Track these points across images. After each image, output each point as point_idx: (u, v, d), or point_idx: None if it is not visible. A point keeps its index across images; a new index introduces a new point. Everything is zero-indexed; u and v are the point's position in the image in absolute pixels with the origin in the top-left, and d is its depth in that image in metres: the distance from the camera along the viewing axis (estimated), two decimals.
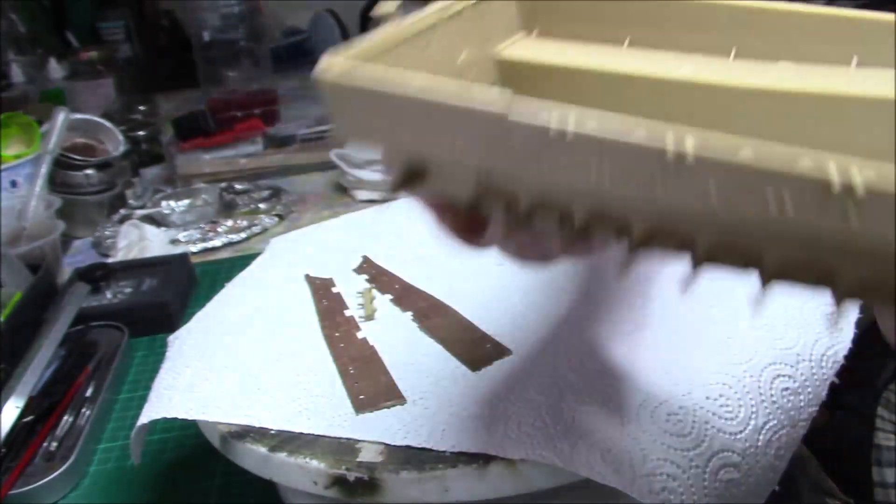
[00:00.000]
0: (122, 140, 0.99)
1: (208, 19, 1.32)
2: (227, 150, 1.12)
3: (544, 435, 0.29)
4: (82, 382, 0.57)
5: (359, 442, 0.31)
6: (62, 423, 0.52)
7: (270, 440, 0.32)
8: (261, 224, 0.89)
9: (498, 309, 0.39)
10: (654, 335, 0.35)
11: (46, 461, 0.49)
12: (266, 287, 0.46)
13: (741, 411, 0.31)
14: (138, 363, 0.63)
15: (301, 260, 0.49)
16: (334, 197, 0.96)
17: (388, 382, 0.34)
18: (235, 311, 0.44)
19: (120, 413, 0.56)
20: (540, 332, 0.36)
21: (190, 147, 1.12)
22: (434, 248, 0.47)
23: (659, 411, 0.30)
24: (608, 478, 0.27)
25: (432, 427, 0.31)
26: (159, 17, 1.67)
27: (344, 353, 0.37)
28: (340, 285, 0.44)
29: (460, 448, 0.30)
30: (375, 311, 0.40)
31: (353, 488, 0.30)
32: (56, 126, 0.87)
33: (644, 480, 0.27)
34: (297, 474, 0.31)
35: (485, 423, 0.31)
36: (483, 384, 0.33)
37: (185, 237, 0.87)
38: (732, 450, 0.30)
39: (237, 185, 1.02)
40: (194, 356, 0.40)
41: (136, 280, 0.72)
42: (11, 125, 0.89)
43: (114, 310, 0.67)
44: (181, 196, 0.96)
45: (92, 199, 0.94)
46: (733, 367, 0.32)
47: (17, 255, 0.70)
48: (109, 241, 0.87)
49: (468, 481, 0.29)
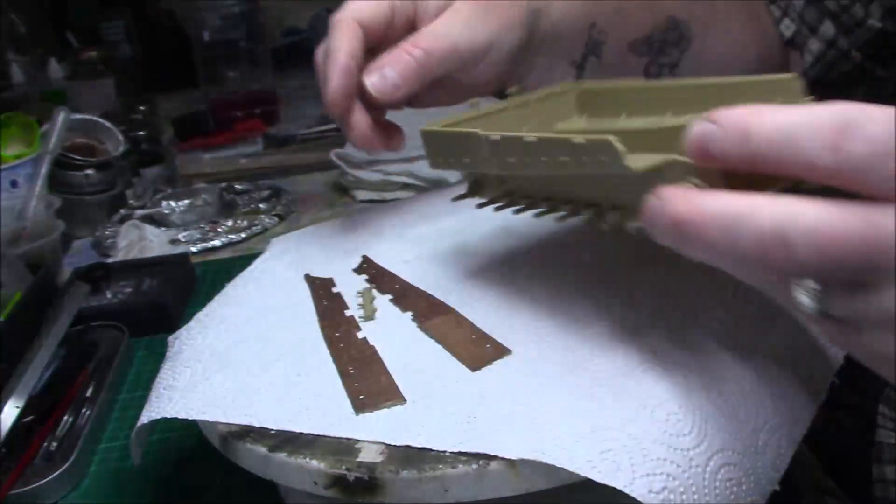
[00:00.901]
0: (122, 140, 0.99)
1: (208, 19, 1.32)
2: (227, 150, 1.13)
3: (544, 434, 0.29)
4: (82, 382, 0.57)
5: (359, 442, 0.31)
6: (62, 423, 0.52)
7: (270, 440, 0.32)
8: (261, 224, 0.89)
9: (498, 309, 0.39)
10: (655, 335, 0.35)
11: (46, 461, 0.49)
12: (266, 287, 0.46)
13: (741, 410, 0.31)
14: (138, 363, 0.63)
15: (301, 260, 0.49)
16: (334, 197, 0.96)
17: (388, 382, 0.34)
18: (235, 311, 0.44)
19: (120, 413, 0.56)
20: (540, 332, 0.36)
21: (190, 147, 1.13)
22: (434, 248, 0.47)
23: (659, 411, 0.30)
24: (608, 478, 0.27)
25: (432, 427, 0.31)
26: (159, 17, 1.67)
27: (344, 353, 0.37)
28: (340, 285, 0.44)
29: (460, 448, 0.30)
30: (375, 311, 0.40)
31: (353, 488, 0.30)
32: (56, 126, 0.87)
33: (644, 480, 0.27)
34: (297, 474, 0.31)
35: (485, 424, 0.31)
36: (483, 384, 0.33)
37: (185, 237, 0.87)
38: (732, 449, 0.30)
39: (237, 185, 1.02)
40: (194, 356, 0.40)
41: (136, 280, 0.72)
42: (11, 125, 0.89)
43: (114, 310, 0.67)
44: (181, 196, 0.96)
45: (92, 199, 0.94)
46: (733, 367, 0.32)
47: (17, 255, 0.70)
48: (109, 241, 0.87)
49: (468, 481, 0.29)
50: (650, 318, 0.36)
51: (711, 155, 0.26)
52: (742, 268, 0.27)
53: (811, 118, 0.24)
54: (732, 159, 0.26)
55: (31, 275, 0.68)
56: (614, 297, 0.38)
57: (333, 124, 1.17)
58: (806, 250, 0.24)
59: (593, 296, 0.39)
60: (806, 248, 0.24)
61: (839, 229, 0.23)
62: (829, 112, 0.24)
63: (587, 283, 0.40)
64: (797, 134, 0.24)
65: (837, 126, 0.23)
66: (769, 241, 0.24)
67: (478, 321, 0.38)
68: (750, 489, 0.29)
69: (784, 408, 0.32)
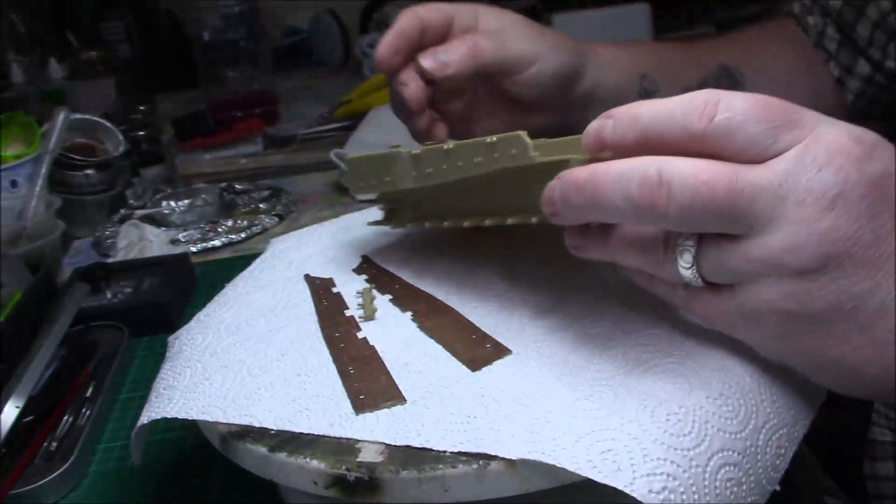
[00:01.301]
0: (122, 140, 0.99)
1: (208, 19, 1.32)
2: (227, 150, 1.12)
3: (544, 435, 0.29)
4: (82, 382, 0.57)
5: (359, 442, 0.31)
6: (62, 423, 0.52)
7: (270, 440, 0.32)
8: (261, 224, 0.89)
9: (498, 309, 0.39)
10: (655, 336, 0.35)
11: (46, 461, 0.49)
12: (266, 287, 0.46)
13: (742, 410, 0.31)
14: (138, 363, 0.63)
15: (301, 260, 0.49)
16: (334, 197, 0.96)
17: (388, 382, 0.34)
18: (235, 312, 0.44)
19: (120, 413, 0.56)
20: (540, 333, 0.36)
21: (190, 147, 1.12)
22: (434, 248, 0.47)
23: (659, 411, 0.30)
24: (608, 477, 0.27)
25: (432, 427, 0.31)
26: (159, 17, 1.67)
27: (344, 354, 0.37)
28: (340, 285, 0.44)
29: (460, 448, 0.30)
30: (375, 311, 0.40)
31: (354, 488, 0.30)
32: (56, 126, 0.87)
33: (644, 480, 0.27)
34: (297, 474, 0.31)
35: (485, 423, 0.31)
36: (483, 384, 0.33)
37: (185, 237, 0.87)
38: (732, 449, 0.30)
39: (237, 185, 1.02)
40: (194, 356, 0.40)
41: (136, 280, 0.72)
42: (11, 125, 0.89)
43: (114, 310, 0.67)
44: (181, 196, 0.96)
45: (92, 199, 0.94)
46: (733, 367, 0.32)
47: (17, 255, 0.70)
48: (109, 241, 0.87)
49: (468, 481, 0.29)
50: (651, 318, 0.36)
51: (607, 142, 0.30)
52: (633, 250, 0.32)
53: (687, 97, 0.29)
54: (626, 140, 0.30)
55: (31, 275, 0.68)
56: (615, 297, 0.38)
57: (333, 124, 1.17)
58: (681, 192, 0.28)
59: (594, 296, 0.39)
60: (682, 189, 0.28)
61: (710, 173, 0.28)
62: (701, 92, 0.29)
63: (588, 283, 0.40)
64: (675, 110, 0.29)
65: (707, 100, 0.28)
66: (652, 184, 0.28)
67: (478, 321, 0.38)
68: (750, 489, 0.29)
69: (784, 408, 0.32)
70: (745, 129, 0.28)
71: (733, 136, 0.28)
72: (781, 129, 0.28)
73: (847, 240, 0.27)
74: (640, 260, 0.32)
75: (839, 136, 0.28)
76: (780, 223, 0.27)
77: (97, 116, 1.01)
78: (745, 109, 0.28)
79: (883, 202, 0.27)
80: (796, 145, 0.28)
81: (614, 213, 0.30)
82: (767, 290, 0.28)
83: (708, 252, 0.30)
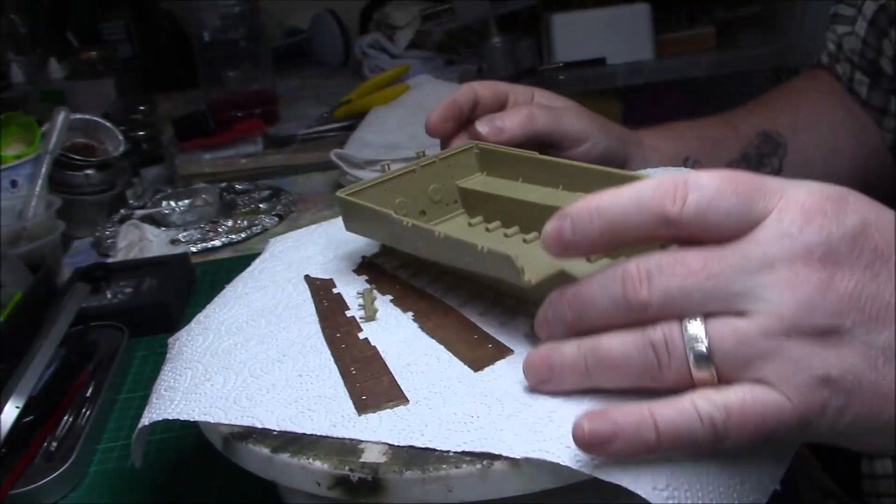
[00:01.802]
0: (122, 140, 0.99)
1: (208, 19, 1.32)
2: (227, 150, 1.12)
3: (548, 434, 0.29)
4: (82, 382, 0.57)
5: (362, 442, 0.31)
6: (62, 423, 0.52)
7: (273, 441, 0.32)
8: (261, 224, 0.89)
9: (499, 308, 0.39)
10: None
11: (46, 461, 0.49)
12: (266, 288, 0.46)
13: None
14: (138, 363, 0.63)
15: (301, 260, 0.48)
16: (334, 197, 0.96)
17: (390, 383, 0.34)
18: (236, 312, 0.44)
19: (120, 413, 0.56)
20: None
21: (190, 147, 1.12)
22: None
23: None
24: (613, 476, 0.27)
25: (435, 427, 0.31)
26: (159, 17, 1.67)
27: (345, 354, 0.37)
28: (340, 286, 0.44)
29: (463, 448, 0.30)
30: (376, 311, 0.40)
31: (357, 489, 0.30)
32: (56, 126, 0.87)
33: (648, 478, 0.27)
34: (300, 475, 0.31)
35: (488, 423, 0.31)
36: (485, 384, 0.33)
37: (185, 237, 0.87)
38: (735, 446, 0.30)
39: (237, 185, 1.02)
40: (195, 358, 0.40)
41: (136, 280, 0.72)
42: (11, 125, 0.89)
43: (114, 310, 0.67)
44: (181, 196, 0.96)
45: (92, 199, 0.94)
46: None
47: (17, 255, 0.70)
48: (109, 241, 0.87)
49: (472, 481, 0.29)
50: None
51: (567, 242, 0.30)
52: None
53: (650, 184, 0.29)
54: (590, 236, 0.30)
55: (31, 275, 0.68)
56: None
57: (333, 124, 1.17)
58: (662, 281, 0.28)
59: None
60: (663, 278, 0.28)
61: (695, 258, 0.28)
62: (665, 177, 0.29)
63: None
64: (643, 197, 0.29)
65: (675, 183, 0.28)
66: (640, 279, 0.28)
67: (479, 321, 0.38)
68: (752, 487, 0.29)
69: None
70: (718, 204, 0.28)
71: (709, 214, 0.28)
72: (753, 198, 0.28)
73: (851, 295, 0.27)
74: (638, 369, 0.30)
75: (810, 196, 0.28)
76: (779, 288, 0.27)
77: (97, 116, 1.01)
78: (714, 185, 0.28)
79: (873, 252, 0.28)
80: (771, 212, 0.28)
81: (604, 314, 0.30)
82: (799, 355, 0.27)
83: (719, 331, 0.28)
